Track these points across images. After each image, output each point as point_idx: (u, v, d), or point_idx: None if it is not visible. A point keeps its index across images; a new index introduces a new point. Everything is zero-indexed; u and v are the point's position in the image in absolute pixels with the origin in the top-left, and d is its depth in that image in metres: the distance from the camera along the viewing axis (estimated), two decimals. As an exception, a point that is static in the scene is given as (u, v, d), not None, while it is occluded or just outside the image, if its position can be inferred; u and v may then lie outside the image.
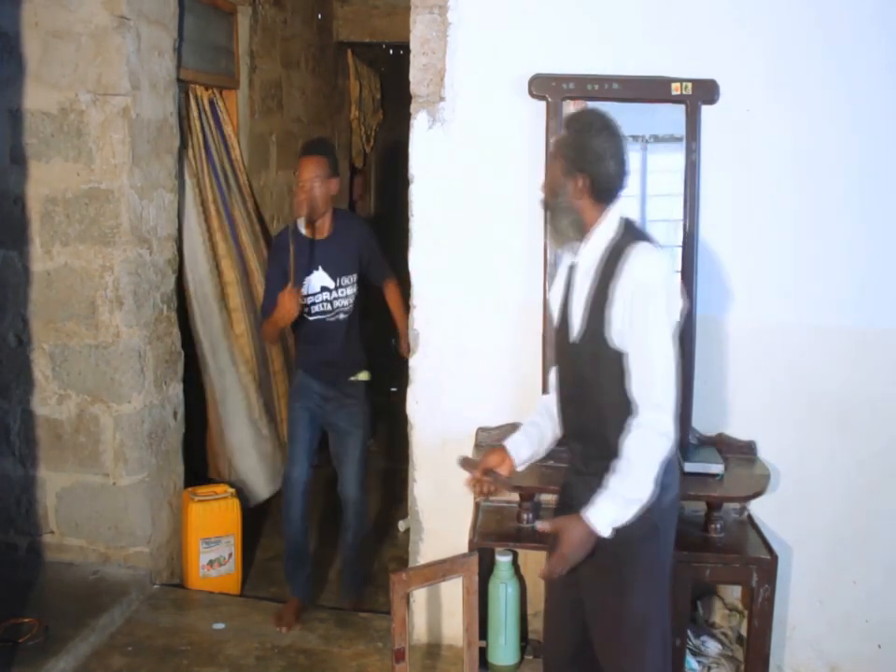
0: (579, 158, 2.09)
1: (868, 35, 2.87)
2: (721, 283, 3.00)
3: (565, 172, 2.11)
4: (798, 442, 3.04)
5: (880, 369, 3.00)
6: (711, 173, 2.95)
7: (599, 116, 2.15)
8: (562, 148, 2.13)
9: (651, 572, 2.14)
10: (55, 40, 3.35)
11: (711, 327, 3.00)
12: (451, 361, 3.16)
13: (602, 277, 2.09)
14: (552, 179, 2.17)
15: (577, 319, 2.16)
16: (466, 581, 2.46)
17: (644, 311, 2.02)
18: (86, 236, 3.45)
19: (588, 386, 2.14)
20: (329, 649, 3.29)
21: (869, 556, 3.08)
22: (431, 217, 3.10)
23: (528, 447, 2.33)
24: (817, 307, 3.00)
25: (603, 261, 2.10)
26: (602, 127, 2.11)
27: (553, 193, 2.15)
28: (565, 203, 2.12)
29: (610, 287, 2.05)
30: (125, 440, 3.55)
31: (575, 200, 2.12)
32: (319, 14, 5.76)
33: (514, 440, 2.34)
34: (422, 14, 3.01)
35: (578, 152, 2.09)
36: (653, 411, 2.02)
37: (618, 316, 2.04)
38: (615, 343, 2.06)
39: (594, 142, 2.09)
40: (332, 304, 3.39)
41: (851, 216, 2.95)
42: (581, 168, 2.09)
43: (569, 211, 2.13)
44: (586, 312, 2.12)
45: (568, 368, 2.22)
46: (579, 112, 2.25)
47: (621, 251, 2.07)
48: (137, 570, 3.61)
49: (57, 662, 3.00)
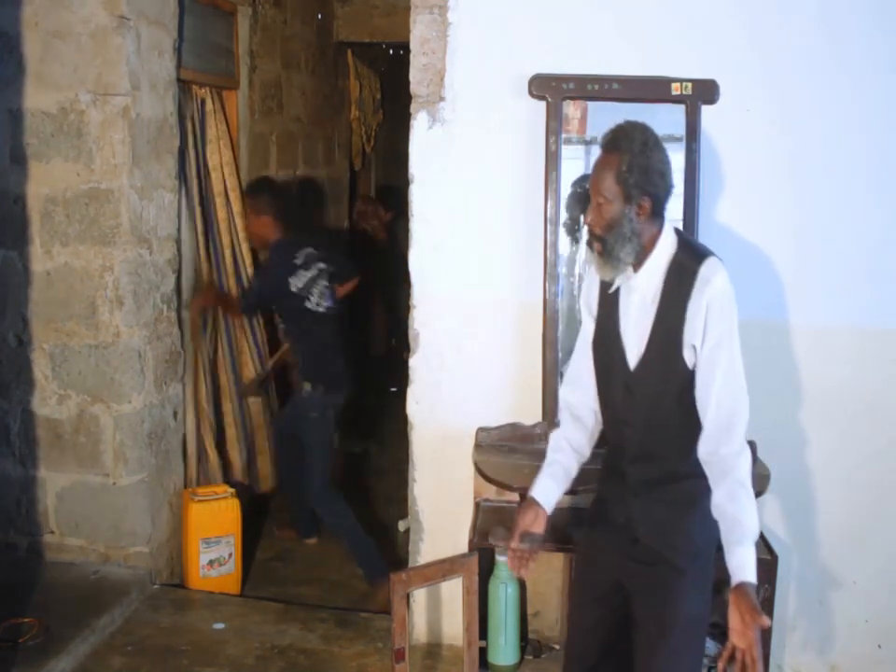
0: (643, 181, 1.96)
1: (869, 33, 2.87)
2: (721, 283, 3.00)
3: (627, 198, 1.97)
4: (798, 442, 3.05)
5: (880, 369, 3.00)
6: (711, 173, 2.95)
7: (647, 130, 2.02)
8: (621, 175, 1.96)
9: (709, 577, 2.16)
10: (55, 40, 3.35)
11: (711, 327, 3.00)
12: (451, 361, 3.15)
13: (672, 299, 1.99)
14: (607, 211, 1.99)
15: (635, 344, 2.05)
16: (466, 581, 2.46)
17: (727, 328, 1.97)
18: (86, 236, 3.45)
19: (654, 410, 2.05)
20: (329, 649, 3.29)
21: (869, 556, 3.08)
22: (431, 216, 3.10)
23: (557, 490, 2.21)
24: (817, 307, 3.00)
25: (669, 282, 2.01)
26: (655, 141, 2.00)
27: (612, 225, 1.99)
28: (628, 230, 1.98)
29: (686, 307, 1.97)
30: (125, 440, 3.55)
31: (637, 225, 1.99)
32: (319, 14, 5.76)
33: (542, 487, 2.20)
34: (422, 14, 3.01)
35: (642, 175, 1.96)
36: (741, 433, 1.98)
37: (696, 337, 1.96)
38: (689, 363, 1.99)
39: (654, 160, 1.97)
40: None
41: (852, 215, 2.95)
42: (646, 191, 1.97)
43: (632, 237, 1.99)
44: (653, 336, 2.02)
45: (623, 392, 2.09)
46: (626, 130, 2.01)
47: (689, 270, 1.98)
48: (137, 570, 3.61)
49: (57, 662, 3.00)
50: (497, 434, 3.08)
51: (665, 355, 2.01)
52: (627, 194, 1.97)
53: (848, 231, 2.96)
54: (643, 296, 2.04)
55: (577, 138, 2.99)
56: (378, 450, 5.68)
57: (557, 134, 2.94)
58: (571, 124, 2.98)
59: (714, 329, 1.95)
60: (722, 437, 1.97)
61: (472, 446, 3.08)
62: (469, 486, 3.11)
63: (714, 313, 1.95)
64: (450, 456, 3.18)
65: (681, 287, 1.98)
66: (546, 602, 3.26)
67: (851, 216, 2.95)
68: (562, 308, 3.00)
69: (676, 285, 2.00)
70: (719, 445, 1.98)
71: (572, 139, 2.98)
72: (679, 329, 1.98)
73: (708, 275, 1.96)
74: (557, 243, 2.97)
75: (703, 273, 1.97)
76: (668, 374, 2.01)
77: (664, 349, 2.01)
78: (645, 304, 2.04)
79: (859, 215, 2.95)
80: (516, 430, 3.06)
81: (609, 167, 1.98)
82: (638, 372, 2.06)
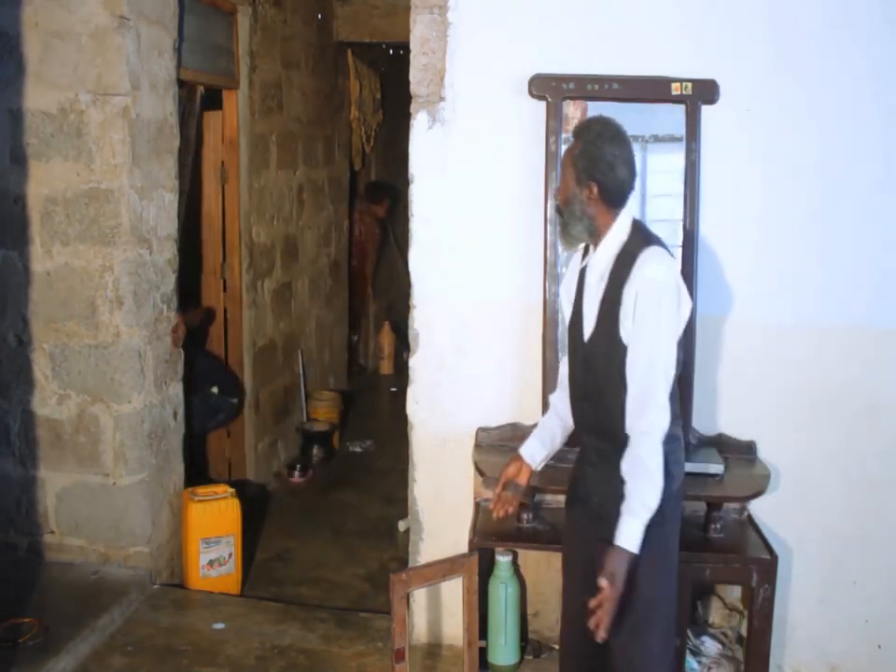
0: (591, 167, 2.17)
1: (870, 33, 2.87)
2: (721, 283, 3.00)
3: (577, 181, 2.19)
4: (798, 442, 3.05)
5: (880, 369, 3.00)
6: (711, 173, 2.95)
7: (608, 124, 2.21)
8: (573, 158, 2.20)
9: (658, 557, 2.18)
10: (55, 40, 3.35)
11: (711, 327, 3.00)
12: (451, 361, 3.15)
13: (614, 279, 2.17)
14: (565, 188, 2.24)
15: (589, 319, 2.25)
16: (466, 581, 2.46)
17: (651, 311, 2.11)
18: (86, 236, 3.45)
19: (601, 383, 2.23)
20: (329, 649, 3.28)
21: (869, 556, 3.08)
22: (431, 216, 3.10)
23: (542, 449, 2.46)
24: (817, 307, 3.00)
25: (615, 265, 2.19)
26: (612, 135, 2.18)
27: (567, 201, 2.23)
28: (578, 210, 2.21)
29: (622, 289, 2.14)
30: (125, 440, 3.55)
31: (588, 207, 2.20)
32: (319, 14, 5.76)
33: (528, 445, 2.46)
34: (422, 14, 3.01)
35: (590, 162, 2.17)
36: (653, 412, 2.10)
37: (628, 317, 2.13)
38: (625, 342, 2.15)
39: (604, 151, 2.16)
40: None
41: (852, 215, 2.96)
42: (593, 177, 2.17)
43: (582, 217, 2.21)
44: (599, 312, 2.21)
45: (581, 365, 2.29)
46: (589, 121, 2.30)
47: (632, 255, 2.16)
48: (137, 570, 3.61)
49: (57, 662, 3.00)
50: (497, 434, 3.08)
51: (608, 330, 2.18)
52: (577, 177, 2.19)
53: (849, 231, 2.96)
54: (597, 274, 2.24)
55: (577, 138, 2.99)
56: (378, 450, 5.68)
57: (557, 134, 2.94)
58: (571, 124, 2.96)
59: (639, 312, 2.12)
60: (634, 414, 2.12)
61: (472, 446, 3.09)
62: (468, 486, 3.11)
63: (642, 297, 2.11)
64: (450, 456, 3.18)
65: (623, 270, 2.16)
66: (546, 602, 3.26)
67: (852, 215, 2.95)
68: (562, 308, 3.00)
69: (620, 267, 2.18)
70: (632, 420, 2.12)
71: (572, 139, 2.98)
72: (616, 307, 2.16)
73: (644, 262, 2.13)
74: (557, 243, 2.97)
75: (640, 259, 2.14)
76: (610, 349, 2.18)
77: (606, 325, 2.19)
78: (597, 282, 2.23)
79: (860, 214, 2.95)
80: (516, 430, 3.06)
81: (569, 151, 2.25)
82: (590, 345, 2.25)
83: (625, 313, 2.13)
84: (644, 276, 2.11)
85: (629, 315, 2.13)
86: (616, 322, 2.15)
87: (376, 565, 4.16)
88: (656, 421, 2.10)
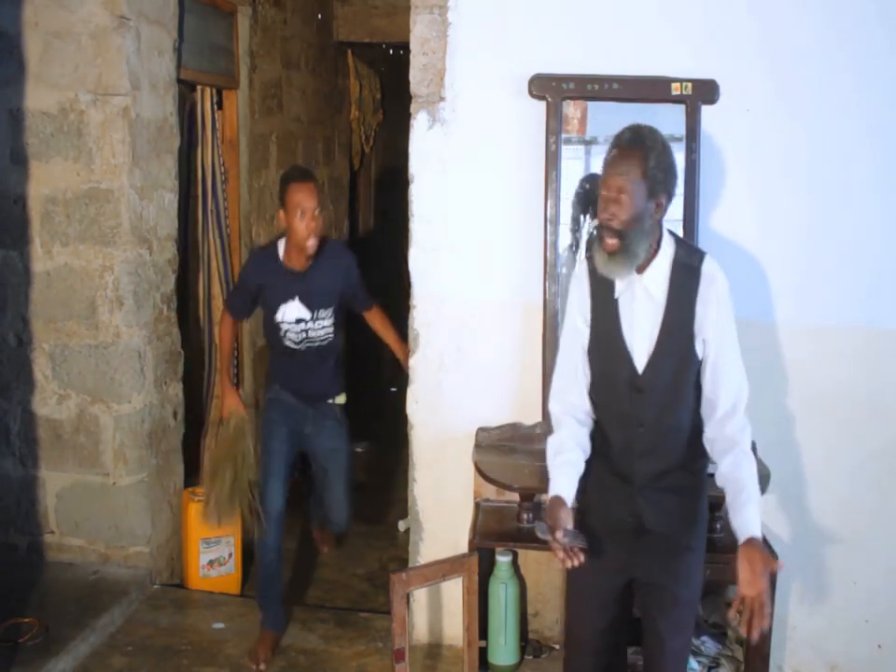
0: (667, 178, 2.04)
1: (871, 33, 2.87)
2: (721, 283, 3.00)
3: (650, 194, 2.01)
4: (798, 442, 3.05)
5: (880, 369, 3.00)
6: (711, 173, 2.95)
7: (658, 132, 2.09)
8: (647, 171, 2.00)
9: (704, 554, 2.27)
10: (55, 40, 3.35)
11: (711, 327, 3.00)
12: (451, 361, 3.15)
13: (678, 298, 2.08)
14: (631, 205, 2.00)
15: (644, 344, 2.11)
16: (466, 581, 2.47)
17: (729, 322, 2.11)
18: (86, 236, 3.45)
19: (667, 406, 2.14)
20: (329, 649, 3.29)
21: (869, 556, 3.08)
22: (431, 216, 3.10)
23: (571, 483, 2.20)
24: (817, 307, 3.00)
25: (673, 281, 2.09)
26: (668, 143, 2.08)
27: (636, 219, 2.01)
28: (648, 225, 2.04)
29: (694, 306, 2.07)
30: (125, 440, 3.55)
31: (655, 221, 2.06)
32: (319, 14, 5.76)
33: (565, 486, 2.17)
34: (422, 14, 3.01)
35: (666, 173, 2.03)
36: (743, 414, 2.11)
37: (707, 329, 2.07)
38: (700, 355, 2.10)
39: (673, 160, 2.06)
40: (308, 334, 3.23)
41: (852, 215, 2.96)
42: (667, 188, 2.05)
43: (651, 232, 2.06)
44: (662, 335, 2.09)
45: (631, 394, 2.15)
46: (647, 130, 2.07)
47: (691, 268, 2.09)
48: (137, 570, 3.61)
49: (57, 662, 3.00)
50: (497, 434, 3.08)
51: (677, 350, 2.10)
52: (652, 189, 2.01)
53: (849, 231, 2.96)
54: (651, 296, 2.10)
55: (577, 138, 2.99)
56: (378, 450, 5.68)
57: (557, 134, 2.94)
58: (571, 124, 2.98)
59: (721, 322, 2.09)
60: (729, 417, 2.09)
61: (472, 446, 3.08)
62: (469, 486, 3.11)
63: (722, 306, 2.08)
64: (450, 456, 3.18)
65: (688, 285, 2.08)
66: (546, 602, 3.26)
67: (852, 215, 2.95)
68: (562, 308, 3.00)
69: (682, 282, 2.09)
70: (725, 425, 2.09)
71: (572, 139, 2.98)
72: (689, 323, 2.08)
73: (713, 272, 2.10)
74: (557, 243, 2.98)
75: (706, 271, 2.09)
76: (681, 368, 2.11)
77: (675, 345, 2.10)
78: (653, 304, 2.10)
79: (859, 214, 2.95)
80: (516, 430, 3.07)
81: (634, 162, 2.00)
82: (648, 373, 2.12)
83: (702, 327, 2.07)
84: (719, 292, 2.07)
85: (708, 327, 2.07)
86: (691, 339, 2.07)
87: (376, 565, 4.16)
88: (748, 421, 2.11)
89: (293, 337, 3.22)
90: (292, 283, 3.17)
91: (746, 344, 3.00)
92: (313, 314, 3.20)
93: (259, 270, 3.23)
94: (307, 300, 3.18)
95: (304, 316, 3.19)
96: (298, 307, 3.18)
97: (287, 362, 3.32)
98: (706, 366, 2.10)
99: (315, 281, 3.18)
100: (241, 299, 3.34)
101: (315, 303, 3.19)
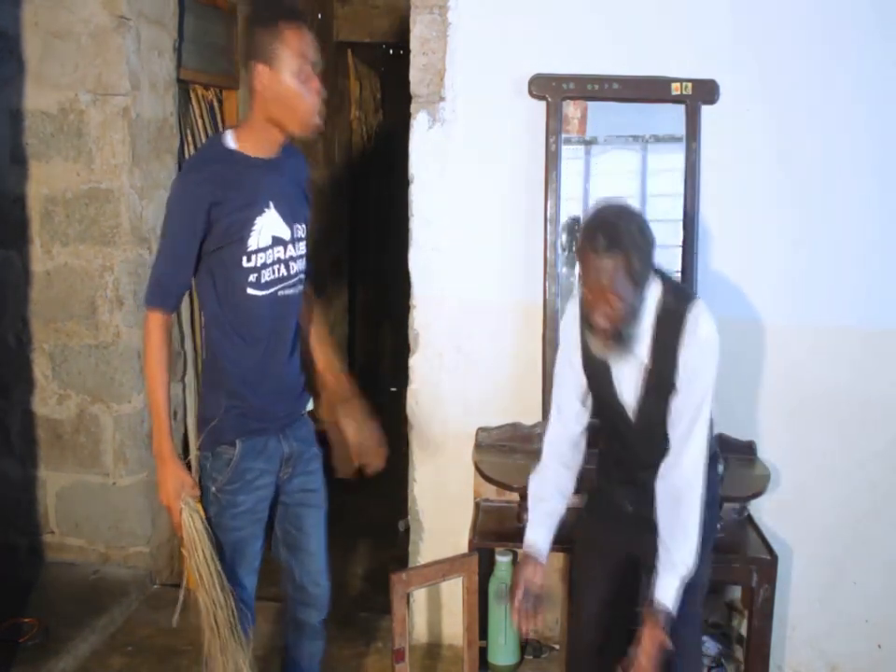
0: (649, 261, 1.99)
1: (870, 33, 2.87)
2: (721, 283, 3.00)
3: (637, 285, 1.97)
4: (798, 443, 3.05)
5: (880, 369, 3.00)
6: (711, 173, 2.95)
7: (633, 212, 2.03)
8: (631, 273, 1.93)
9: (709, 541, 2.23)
10: (55, 40, 3.35)
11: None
12: (451, 361, 3.15)
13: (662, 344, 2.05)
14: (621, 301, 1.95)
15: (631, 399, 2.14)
16: (466, 581, 2.47)
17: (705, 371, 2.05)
18: (86, 236, 3.45)
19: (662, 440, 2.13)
20: (329, 649, 3.26)
21: (869, 556, 3.08)
22: (431, 217, 3.10)
23: (548, 537, 2.28)
24: (817, 307, 3.00)
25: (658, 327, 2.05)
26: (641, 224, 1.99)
27: (631, 312, 1.99)
28: (639, 307, 2.01)
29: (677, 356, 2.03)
30: (125, 440, 3.55)
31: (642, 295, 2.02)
32: (319, 14, 5.75)
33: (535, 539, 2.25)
34: (422, 14, 3.01)
35: (648, 259, 1.99)
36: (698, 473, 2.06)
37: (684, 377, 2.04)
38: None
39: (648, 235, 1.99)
40: (285, 270, 2.15)
41: (852, 215, 2.95)
42: (651, 266, 2.01)
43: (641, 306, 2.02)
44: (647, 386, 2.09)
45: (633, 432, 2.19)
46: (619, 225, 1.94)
47: (677, 313, 2.03)
48: (137, 570, 3.61)
49: (57, 662, 3.00)
50: (497, 434, 3.08)
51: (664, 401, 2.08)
52: (638, 282, 1.97)
53: (849, 231, 2.96)
54: (634, 355, 2.07)
55: (577, 138, 2.99)
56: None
57: (557, 134, 2.94)
58: (571, 124, 2.98)
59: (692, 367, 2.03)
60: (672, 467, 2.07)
61: (472, 446, 3.08)
62: (469, 486, 3.11)
63: (698, 353, 2.03)
64: (450, 456, 3.18)
65: (671, 334, 2.04)
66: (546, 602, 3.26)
67: (851, 215, 2.95)
68: (562, 308, 3.00)
69: (666, 332, 2.04)
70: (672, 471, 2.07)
71: (572, 139, 2.98)
72: (672, 374, 2.05)
73: (697, 319, 2.03)
74: (557, 243, 2.98)
75: (691, 319, 2.03)
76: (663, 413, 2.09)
77: (661, 397, 2.08)
78: (636, 362, 2.09)
79: (859, 214, 2.95)
80: (516, 430, 3.07)
81: (618, 269, 1.93)
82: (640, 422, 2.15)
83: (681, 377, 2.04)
84: (700, 339, 2.02)
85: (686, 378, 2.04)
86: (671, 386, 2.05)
87: (376, 565, 4.16)
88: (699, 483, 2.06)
89: (266, 277, 2.11)
90: (261, 179, 2.10)
91: (746, 344, 3.03)
92: (291, 231, 2.17)
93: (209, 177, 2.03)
94: (283, 205, 2.15)
95: (282, 235, 2.14)
96: (274, 219, 2.12)
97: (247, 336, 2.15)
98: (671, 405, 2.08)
99: (288, 178, 2.20)
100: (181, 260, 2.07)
101: (292, 212, 2.19)
